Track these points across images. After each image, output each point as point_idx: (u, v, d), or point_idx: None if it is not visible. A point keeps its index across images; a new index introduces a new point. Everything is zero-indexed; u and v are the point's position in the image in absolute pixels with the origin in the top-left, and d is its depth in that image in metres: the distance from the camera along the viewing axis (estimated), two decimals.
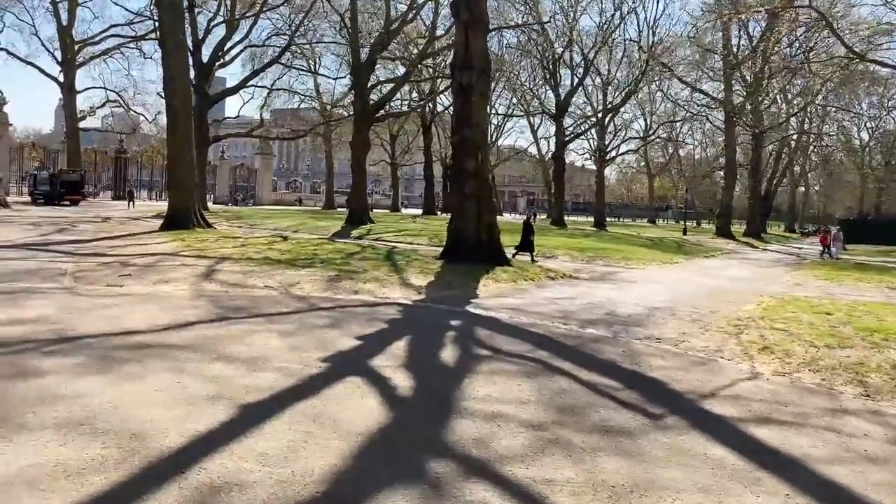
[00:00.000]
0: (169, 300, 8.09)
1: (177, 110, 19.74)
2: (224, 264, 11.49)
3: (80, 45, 43.71)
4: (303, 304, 8.31)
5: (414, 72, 29.09)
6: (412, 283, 10.57)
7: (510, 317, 8.23)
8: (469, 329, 7.34)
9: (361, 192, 29.35)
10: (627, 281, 14.08)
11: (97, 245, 14.76)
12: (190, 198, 20.14)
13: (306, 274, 10.78)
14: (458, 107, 13.66)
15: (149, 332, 6.19)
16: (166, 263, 11.42)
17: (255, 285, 9.65)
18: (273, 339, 6.20)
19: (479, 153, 13.62)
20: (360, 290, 9.69)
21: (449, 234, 14.06)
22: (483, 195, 13.67)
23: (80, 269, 10.62)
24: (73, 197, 37.32)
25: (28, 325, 6.17)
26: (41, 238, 16.06)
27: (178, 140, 19.79)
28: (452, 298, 9.70)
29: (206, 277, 10.14)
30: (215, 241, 16.24)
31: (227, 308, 7.74)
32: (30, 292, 8.13)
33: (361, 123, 28.65)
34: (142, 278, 9.90)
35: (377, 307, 8.48)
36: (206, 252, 13.31)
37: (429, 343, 6.52)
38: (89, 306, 7.38)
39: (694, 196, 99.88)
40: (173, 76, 19.66)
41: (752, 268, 21.36)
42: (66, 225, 21.18)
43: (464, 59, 13.38)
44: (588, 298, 10.51)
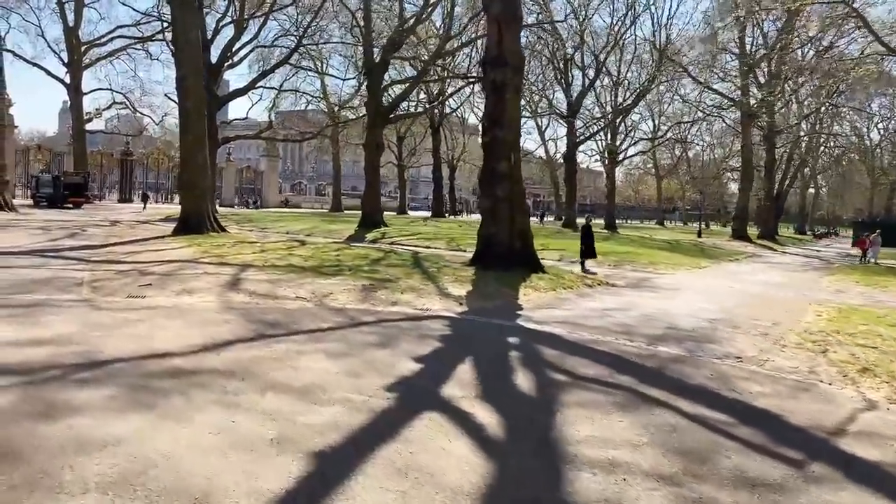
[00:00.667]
0: (197, 314, 7.42)
1: (189, 111, 19.12)
2: (248, 272, 10.83)
3: (86, 47, 43.19)
4: (343, 319, 7.64)
5: (428, 72, 28.42)
6: (450, 293, 9.89)
7: (568, 332, 7.54)
8: (530, 347, 6.65)
9: (375, 195, 28.70)
10: (666, 288, 13.39)
11: (110, 251, 14.12)
12: (203, 201, 19.50)
13: (337, 283, 10.11)
14: (489, 106, 12.99)
15: (184, 355, 5.52)
16: (187, 272, 10.76)
17: (286, 296, 8.98)
18: (322, 362, 5.53)
19: (512, 154, 12.96)
20: (398, 302, 9.02)
21: (480, 238, 13.38)
22: (516, 198, 13.00)
23: (97, 279, 9.96)
24: (77, 199, 36.77)
25: (50, 347, 5.51)
26: (52, 243, 15.42)
27: (191, 141, 19.15)
28: (497, 310, 9.03)
29: (232, 287, 9.48)
30: (232, 246, 15.60)
31: (263, 323, 7.07)
32: (46, 306, 7.47)
33: (375, 124, 28.00)
34: (163, 288, 9.24)
35: (421, 321, 7.80)
36: (226, 258, 12.66)
37: (495, 366, 5.83)
38: (113, 322, 6.72)
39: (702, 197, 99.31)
40: (186, 75, 19.04)
41: (784, 273, 20.63)
42: (76, 229, 20.56)
43: (496, 55, 12.72)
44: (638, 309, 9.82)
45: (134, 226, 23.92)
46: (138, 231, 20.94)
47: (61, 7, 41.79)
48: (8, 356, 5.14)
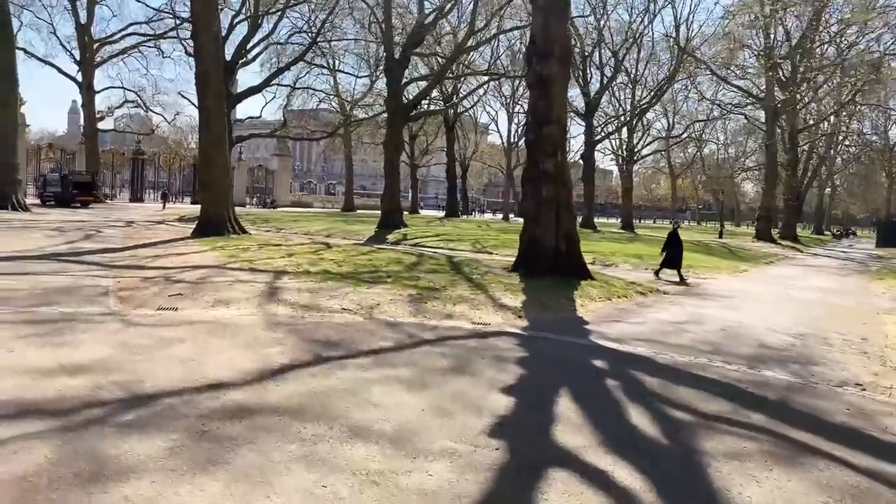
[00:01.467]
0: (243, 332, 6.66)
1: (210, 108, 18.40)
2: (283, 280, 10.07)
3: (98, 44, 42.65)
4: (401, 335, 6.85)
5: (450, 68, 27.62)
6: (505, 304, 9.09)
7: (655, 353, 6.72)
8: (625, 374, 5.84)
9: (395, 195, 27.93)
10: (722, 296, 12.54)
11: (132, 255, 13.41)
12: (224, 202, 18.79)
13: (381, 292, 9.33)
14: (534, 100, 12.17)
15: (241, 385, 4.75)
16: (218, 279, 10.01)
17: (331, 308, 8.20)
18: (401, 394, 4.74)
19: (559, 153, 12.13)
20: (452, 315, 8.22)
21: (522, 242, 12.57)
22: (562, 200, 12.18)
23: (123, 287, 9.23)
24: (85, 198, 36.31)
25: (85, 376, 4.75)
26: (69, 247, 14.74)
27: (212, 139, 18.43)
28: (562, 324, 8.22)
29: (270, 297, 8.71)
30: (258, 249, 14.86)
31: (317, 342, 6.30)
32: (75, 321, 6.73)
33: (395, 123, 27.22)
34: (196, 299, 8.49)
35: (487, 339, 7.01)
36: (256, 264, 11.91)
37: (600, 400, 5.02)
38: (150, 342, 5.96)
39: (713, 197, 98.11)
40: (206, 70, 18.31)
41: (827, 277, 19.68)
42: (92, 230, 19.91)
43: (542, 46, 11.89)
44: (711, 322, 8.98)
45: (150, 227, 23.27)
46: (156, 232, 20.26)
47: (73, 4, 41.28)
48: (40, 390, 4.39)
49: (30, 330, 6.21)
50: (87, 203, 36.16)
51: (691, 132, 58.77)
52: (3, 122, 27.74)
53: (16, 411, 3.97)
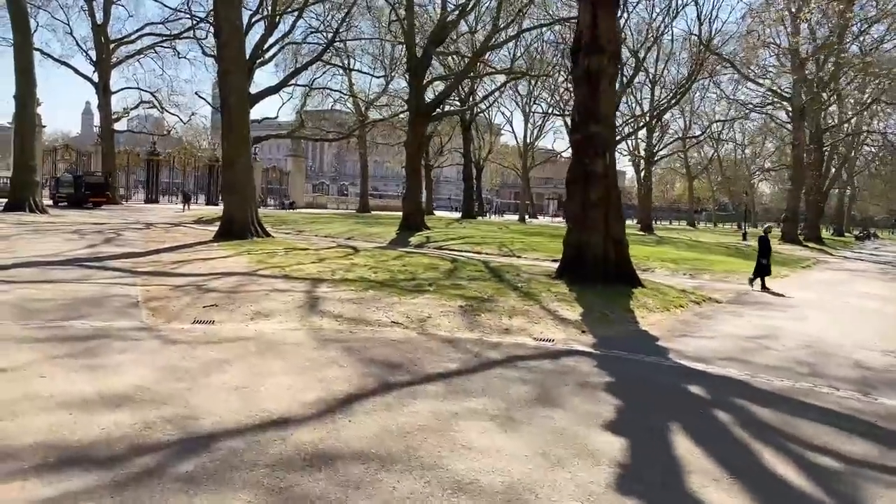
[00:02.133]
0: (290, 350, 6.03)
1: (233, 108, 17.85)
2: (321, 289, 9.44)
3: (115, 44, 42.41)
4: (465, 355, 6.20)
5: (473, 68, 26.96)
6: (563, 317, 8.41)
7: (749, 376, 6.03)
8: (728, 403, 5.15)
9: (416, 197, 27.32)
10: (778, 305, 11.79)
11: (155, 260, 12.86)
12: (248, 204, 18.24)
13: (427, 302, 8.68)
14: (581, 97, 11.48)
15: (308, 422, 4.11)
16: (252, 288, 9.41)
17: (380, 321, 7.57)
18: (494, 433, 4.08)
19: (608, 153, 11.44)
20: (511, 329, 7.56)
21: (567, 247, 11.88)
22: (612, 202, 11.48)
23: (152, 297, 8.66)
24: (98, 199, 36.12)
25: (130, 410, 4.14)
26: (90, 251, 14.24)
27: (235, 140, 17.88)
28: (631, 341, 7.54)
29: (312, 309, 8.09)
30: (285, 254, 14.27)
31: (376, 364, 5.66)
32: (108, 337, 6.14)
33: (417, 122, 26.58)
34: (232, 310, 7.89)
35: (559, 359, 6.33)
36: (288, 270, 11.30)
37: (721, 440, 4.34)
38: (195, 365, 5.35)
39: (730, 198, 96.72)
40: (228, 69, 17.78)
41: (874, 282, 18.81)
42: (111, 233, 19.45)
43: (590, 40, 11.20)
44: (788, 337, 8.25)
45: (169, 229, 22.79)
46: (176, 235, 19.76)
47: (90, 4, 41.04)
48: (82, 429, 3.77)
49: (62, 349, 5.62)
50: (100, 204, 36.02)
51: (710, 132, 57.56)
52: (22, 122, 27.48)
53: (56, 459, 3.36)
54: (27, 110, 27.12)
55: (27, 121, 27.33)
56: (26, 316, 7.02)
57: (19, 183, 26.87)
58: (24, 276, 9.78)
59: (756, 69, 44.28)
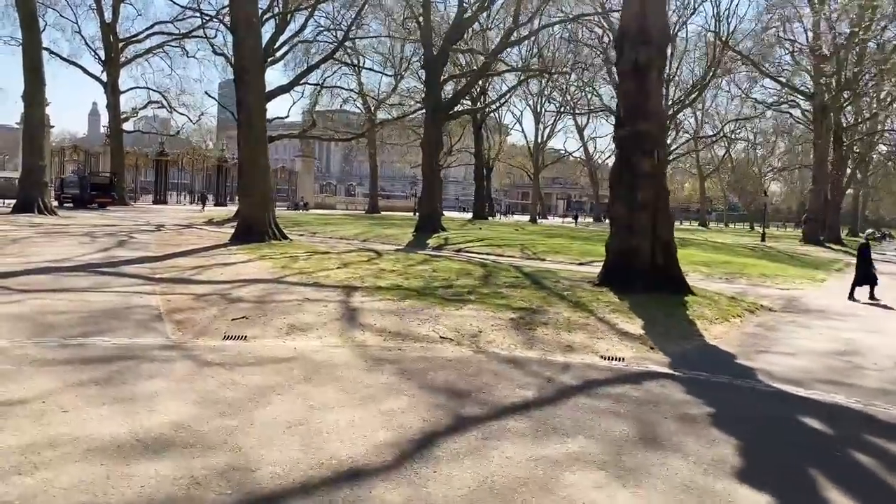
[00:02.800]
0: (340, 373, 5.34)
1: (250, 107, 17.19)
2: (355, 298, 8.75)
3: (123, 43, 41.91)
4: (536, 380, 5.49)
5: (492, 64, 26.25)
6: (625, 331, 7.68)
7: (862, 404, 5.28)
8: (864, 442, 4.43)
9: (433, 198, 26.62)
10: (837, 313, 10.99)
11: (173, 265, 12.20)
12: (265, 207, 17.58)
13: (473, 314, 7.97)
14: (628, 92, 10.75)
15: (383, 473, 3.41)
16: (282, 297, 8.73)
17: (428, 337, 6.87)
18: (612, 489, 3.37)
19: (657, 151, 10.72)
20: (573, 346, 6.84)
21: (611, 252, 11.15)
22: (661, 204, 10.75)
23: (175, 308, 7.99)
24: (103, 200, 35.88)
25: (172, 459, 3.45)
26: (104, 255, 13.60)
27: (252, 141, 17.22)
28: (707, 358, 6.82)
29: (351, 322, 7.40)
30: (307, 258, 13.60)
31: (441, 391, 4.96)
32: (134, 358, 5.47)
33: (433, 122, 25.91)
34: (265, 323, 7.21)
35: (642, 383, 5.60)
36: (315, 277, 10.61)
37: (880, 492, 3.61)
38: (237, 394, 4.66)
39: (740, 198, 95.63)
40: (246, 67, 17.12)
41: None
42: (123, 236, 18.84)
43: (638, 31, 10.47)
44: (873, 353, 7.49)
45: (182, 231, 22.18)
46: (190, 238, 19.14)
47: (98, 3, 40.56)
48: (117, 488, 3.08)
49: (84, 374, 4.95)
50: (106, 205, 35.73)
51: (724, 132, 56.59)
52: (31, 122, 26.93)
53: None
54: (36, 109, 26.57)
55: (36, 120, 26.78)
56: (42, 331, 6.36)
57: (28, 183, 26.33)
58: (37, 284, 9.14)
59: (772, 67, 43.46)
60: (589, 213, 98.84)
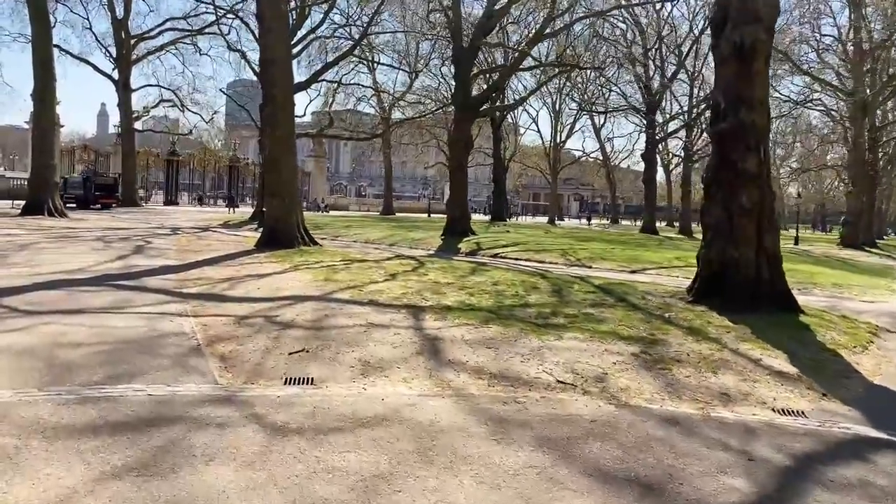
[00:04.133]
0: (460, 445, 3.89)
1: (277, 101, 15.78)
2: (428, 322, 7.29)
3: (136, 40, 40.75)
4: (728, 455, 4.02)
5: (524, 59, 24.77)
6: (774, 367, 6.18)
7: None
8: None
9: (462, 199, 25.16)
10: None
11: (200, 277, 10.80)
12: (294, 209, 16.17)
13: (582, 346, 6.48)
14: (728, 79, 9.25)
15: None
16: (340, 321, 7.28)
17: (541, 380, 5.40)
18: None
19: (762, 146, 9.22)
20: (729, 394, 5.35)
21: (706, 264, 9.64)
22: (766, 209, 9.25)
23: (215, 335, 6.57)
24: (107, 200, 35.18)
25: None
26: (121, 264, 12.24)
27: (280, 138, 15.80)
28: (890, 405, 5.34)
29: (435, 357, 5.95)
30: (346, 268, 12.17)
31: (614, 480, 3.51)
32: (178, 422, 4.04)
33: (463, 118, 24.44)
34: (332, 360, 5.78)
35: (867, 457, 4.13)
36: (367, 292, 9.15)
37: None
38: (341, 492, 3.22)
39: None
40: (273, 58, 15.72)
41: None
42: (138, 240, 17.52)
43: (742, 7, 9.00)
44: None
45: (200, 235, 20.85)
46: (211, 243, 17.77)
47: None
48: None
49: (116, 454, 3.52)
50: (109, 205, 35.10)
51: None
52: (40, 120, 25.73)
53: None
54: (46, 106, 25.34)
55: (46, 118, 25.55)
56: (56, 375, 4.96)
57: (38, 184, 25.11)
58: (49, 303, 7.76)
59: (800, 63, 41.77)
60: (602, 214, 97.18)
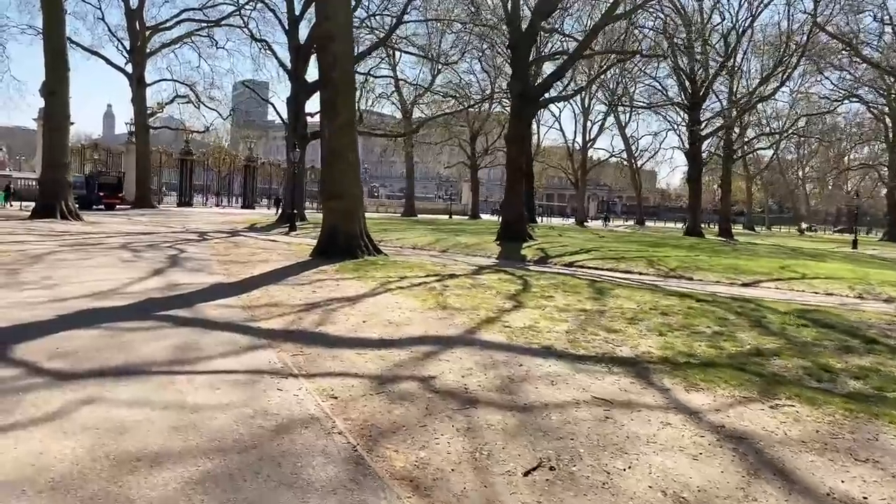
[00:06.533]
0: None
1: (337, 85, 13.21)
2: (677, 393, 4.70)
3: (151, 31, 38.32)
4: None
5: (589, 44, 22.19)
6: None
7: None
8: None
9: (518, 200, 22.57)
10: None
11: (266, 299, 8.24)
12: (357, 213, 13.59)
13: None
14: None
15: None
16: (543, 392, 4.67)
17: None
18: None
19: None
20: None
21: None
22: None
23: (367, 424, 4.01)
24: (111, 200, 33.58)
25: None
26: (160, 282, 9.70)
27: (340, 128, 13.22)
28: None
29: (786, 486, 3.38)
30: (441, 286, 9.59)
31: None
32: None
33: (522, 112, 21.86)
34: (604, 488, 3.21)
35: None
36: (518, 330, 6.54)
37: None
38: None
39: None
40: (332, 33, 13.16)
41: None
42: (168, 248, 15.02)
43: None
44: None
45: (237, 241, 18.27)
46: (254, 251, 15.20)
47: None
48: None
49: None
50: (113, 205, 33.54)
51: (796, 129, 51.90)
52: (52, 114, 23.25)
53: None
54: (59, 99, 22.83)
55: (58, 111, 23.04)
56: None
57: (49, 184, 22.65)
58: (84, 354, 5.20)
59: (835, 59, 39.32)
60: (619, 215, 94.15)
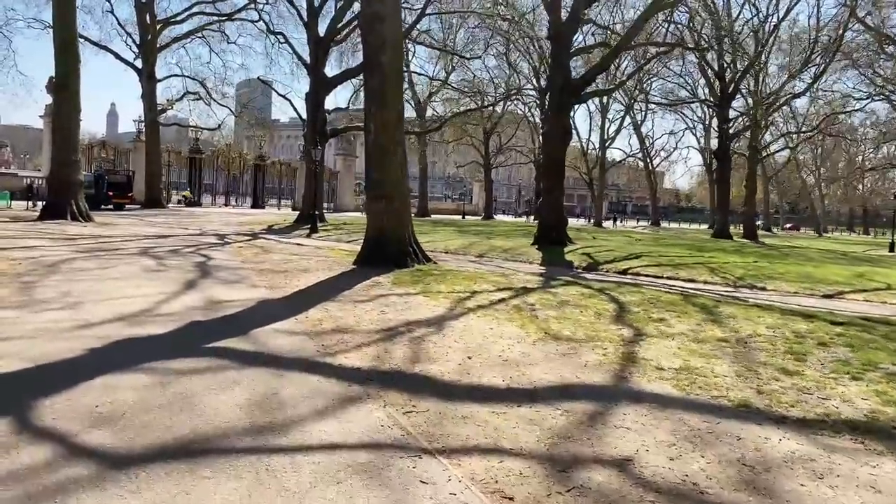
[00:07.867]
0: None
1: (386, 72, 11.82)
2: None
3: (162, 24, 37.00)
4: None
5: (635, 35, 20.75)
6: None
7: None
8: None
9: (558, 202, 21.17)
10: None
11: (334, 326, 6.88)
12: (406, 216, 12.21)
13: None
14: None
15: None
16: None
17: None
18: None
19: None
20: None
21: None
22: None
23: None
24: (120, 200, 32.59)
25: None
26: (198, 298, 8.35)
27: (388, 122, 11.82)
28: None
29: None
30: (520, 301, 8.23)
31: None
32: None
33: (562, 105, 20.46)
34: None
35: None
36: (678, 373, 5.20)
37: None
38: None
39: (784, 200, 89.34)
40: (381, 14, 11.77)
41: None
42: (192, 253, 13.69)
43: None
44: None
45: (262, 246, 16.89)
46: (287, 257, 13.83)
47: None
48: None
49: None
50: (123, 205, 32.54)
51: (821, 127, 50.39)
52: (62, 108, 21.92)
53: None
54: (69, 92, 21.49)
55: (68, 105, 21.70)
56: None
57: (59, 182, 21.31)
58: (136, 419, 3.80)
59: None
60: (630, 215, 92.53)
